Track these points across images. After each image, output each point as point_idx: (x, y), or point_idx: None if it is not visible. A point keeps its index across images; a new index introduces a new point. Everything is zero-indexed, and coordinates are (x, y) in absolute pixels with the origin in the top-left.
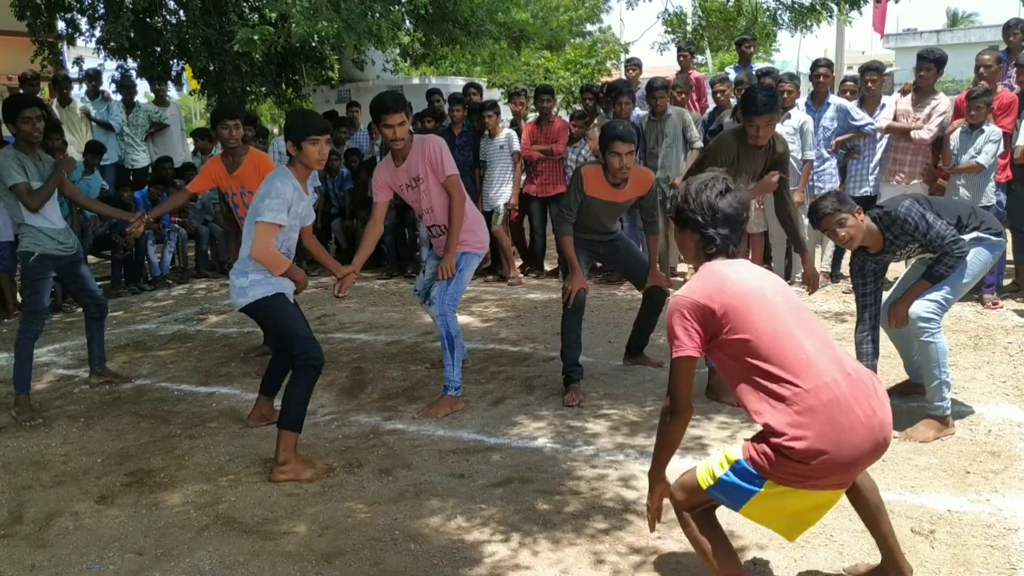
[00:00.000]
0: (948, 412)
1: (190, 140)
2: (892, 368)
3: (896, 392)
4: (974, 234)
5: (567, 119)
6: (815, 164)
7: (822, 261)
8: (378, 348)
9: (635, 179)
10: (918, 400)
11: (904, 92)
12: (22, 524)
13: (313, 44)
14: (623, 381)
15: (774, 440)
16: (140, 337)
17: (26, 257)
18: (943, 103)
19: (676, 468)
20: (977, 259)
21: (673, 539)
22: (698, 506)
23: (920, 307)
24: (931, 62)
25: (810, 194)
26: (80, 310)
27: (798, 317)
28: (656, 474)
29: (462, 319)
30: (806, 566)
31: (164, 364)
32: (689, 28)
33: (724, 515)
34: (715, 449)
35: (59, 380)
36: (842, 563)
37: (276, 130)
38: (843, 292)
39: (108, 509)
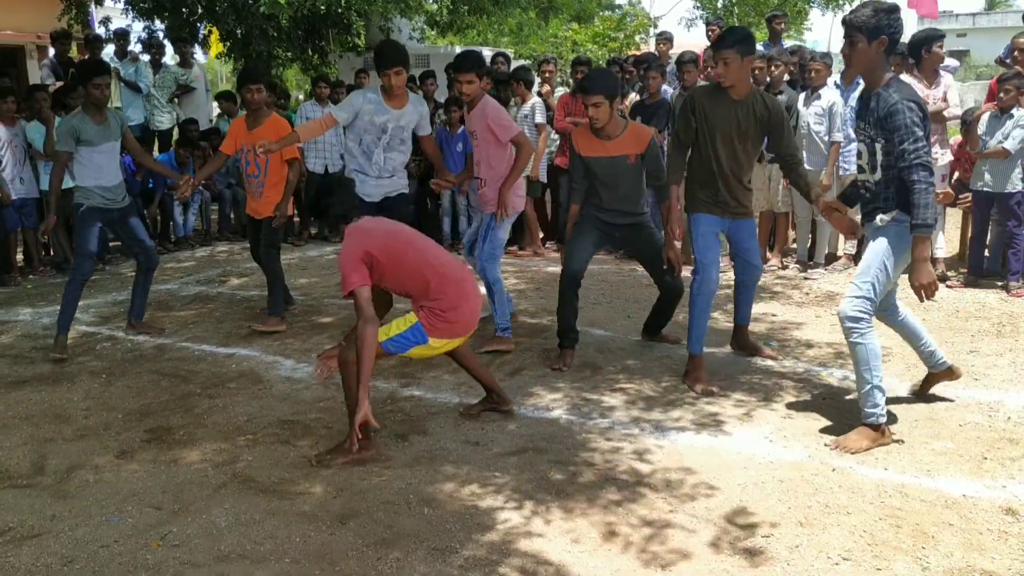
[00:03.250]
0: (883, 420)
1: (215, 104)
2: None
3: (921, 393)
4: (893, 212)
5: None
6: (843, 145)
7: (846, 244)
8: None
9: (631, 134)
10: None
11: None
12: (44, 475)
13: (340, 9)
14: (640, 356)
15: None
16: (162, 297)
17: (76, 208)
18: (947, 76)
19: (693, 445)
20: (901, 243)
21: (685, 513)
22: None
23: (847, 306)
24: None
25: (837, 176)
26: (102, 268)
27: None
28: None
29: (482, 290)
30: (816, 545)
31: (185, 324)
32: (720, 3)
33: (737, 493)
34: (730, 426)
35: (82, 337)
36: (853, 542)
37: (301, 96)
38: None
39: (127, 464)
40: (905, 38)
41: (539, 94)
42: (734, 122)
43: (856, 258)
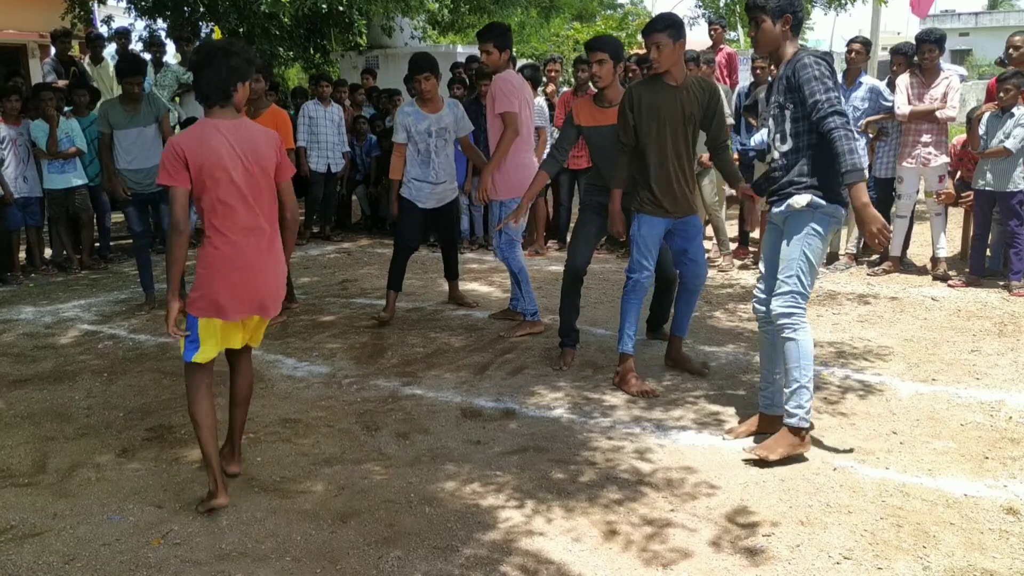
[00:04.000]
0: (805, 424)
1: None
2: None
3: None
4: (807, 196)
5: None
6: None
7: (847, 243)
8: (398, 314)
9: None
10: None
11: (912, 74)
12: (45, 473)
13: (341, 8)
14: (641, 354)
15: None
16: (165, 295)
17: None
18: (954, 79)
19: (694, 444)
20: (820, 230)
21: (686, 512)
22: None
23: (776, 303)
24: (932, 43)
25: None
26: (104, 267)
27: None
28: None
29: (483, 288)
30: (817, 544)
31: None
32: (721, 2)
33: (738, 492)
34: (731, 424)
35: (84, 335)
36: (854, 541)
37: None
38: (867, 275)
39: (129, 462)
40: (907, 37)
41: (544, 93)
42: (679, 109)
43: (856, 258)
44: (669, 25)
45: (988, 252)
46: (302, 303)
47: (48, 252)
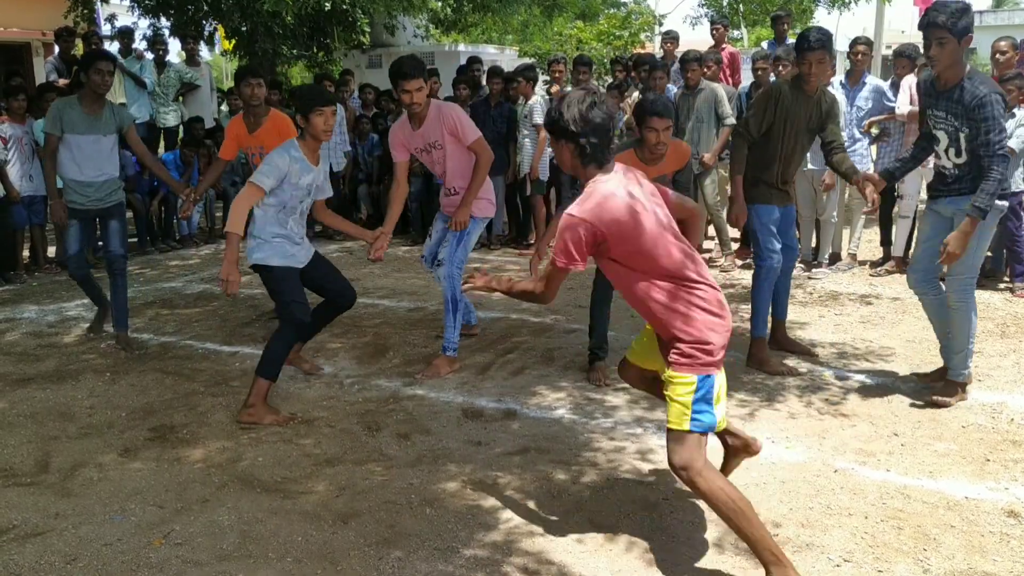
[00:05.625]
0: (970, 377)
1: (221, 101)
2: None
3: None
4: (1004, 203)
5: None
6: (847, 145)
7: (849, 243)
8: (400, 314)
9: (672, 153)
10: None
11: (919, 74)
12: (48, 473)
13: (344, 7)
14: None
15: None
16: (166, 295)
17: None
18: None
19: None
20: (990, 227)
21: (686, 511)
22: (701, 458)
23: (954, 287)
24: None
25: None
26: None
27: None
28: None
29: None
30: (817, 546)
31: (189, 322)
32: (725, 1)
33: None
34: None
35: (86, 335)
36: (855, 544)
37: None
38: (869, 275)
39: (131, 462)
40: (912, 39)
41: (548, 92)
42: (808, 114)
43: (907, 243)
44: (825, 46)
45: (990, 253)
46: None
47: (52, 251)
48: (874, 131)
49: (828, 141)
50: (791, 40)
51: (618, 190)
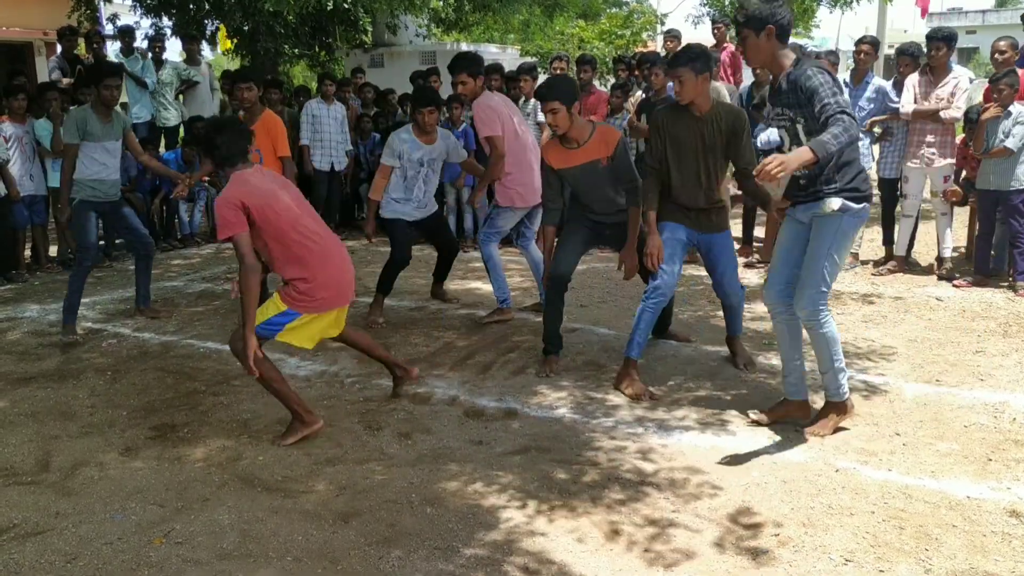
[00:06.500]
0: (846, 394)
1: (223, 98)
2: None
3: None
4: (839, 200)
5: (605, 90)
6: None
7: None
8: (402, 313)
9: (599, 138)
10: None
11: (922, 73)
12: (48, 472)
13: (346, 6)
14: (644, 354)
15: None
16: (168, 294)
17: (70, 202)
18: (963, 79)
19: (696, 444)
20: (848, 234)
21: (689, 513)
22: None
23: (801, 303)
24: (940, 40)
25: None
26: (109, 265)
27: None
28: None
29: (486, 287)
30: (819, 546)
31: (191, 321)
32: (726, 0)
33: (740, 493)
34: (734, 425)
35: (88, 333)
36: (856, 543)
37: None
38: (871, 275)
39: (132, 461)
40: (914, 38)
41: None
42: (702, 139)
43: (910, 243)
44: (693, 59)
45: (993, 252)
46: None
47: (53, 250)
48: (876, 131)
49: (736, 165)
50: (793, 40)
51: (251, 177)
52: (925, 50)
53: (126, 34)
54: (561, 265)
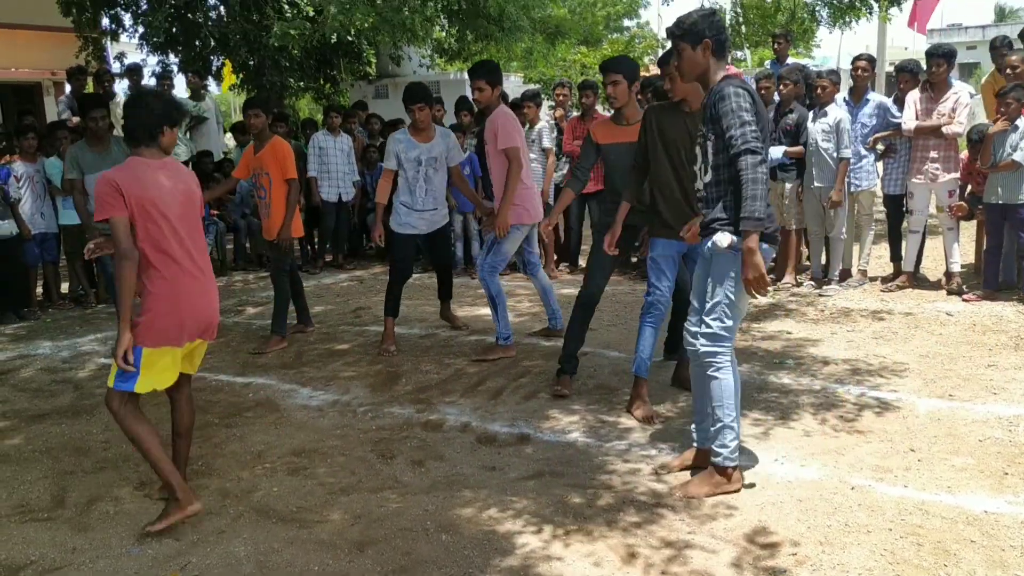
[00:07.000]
0: (732, 463)
1: (229, 135)
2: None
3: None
4: (729, 237)
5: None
6: (852, 161)
7: (859, 260)
8: (413, 341)
9: None
10: None
11: (923, 89)
12: (64, 508)
13: (350, 38)
14: (657, 377)
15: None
16: None
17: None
18: (964, 95)
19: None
20: (739, 276)
21: (705, 534)
22: (126, 407)
23: (700, 343)
24: (940, 57)
25: (848, 193)
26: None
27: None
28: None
29: None
30: (837, 564)
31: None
32: (727, 22)
33: (756, 513)
34: (748, 445)
35: (100, 368)
36: (874, 561)
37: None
38: (881, 291)
39: (147, 495)
40: (915, 55)
41: (552, 117)
42: (686, 133)
43: (918, 258)
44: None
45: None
46: (315, 330)
47: (65, 287)
48: (879, 147)
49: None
50: (792, 60)
51: (141, 168)
52: (925, 67)
53: (134, 72)
54: (592, 284)
